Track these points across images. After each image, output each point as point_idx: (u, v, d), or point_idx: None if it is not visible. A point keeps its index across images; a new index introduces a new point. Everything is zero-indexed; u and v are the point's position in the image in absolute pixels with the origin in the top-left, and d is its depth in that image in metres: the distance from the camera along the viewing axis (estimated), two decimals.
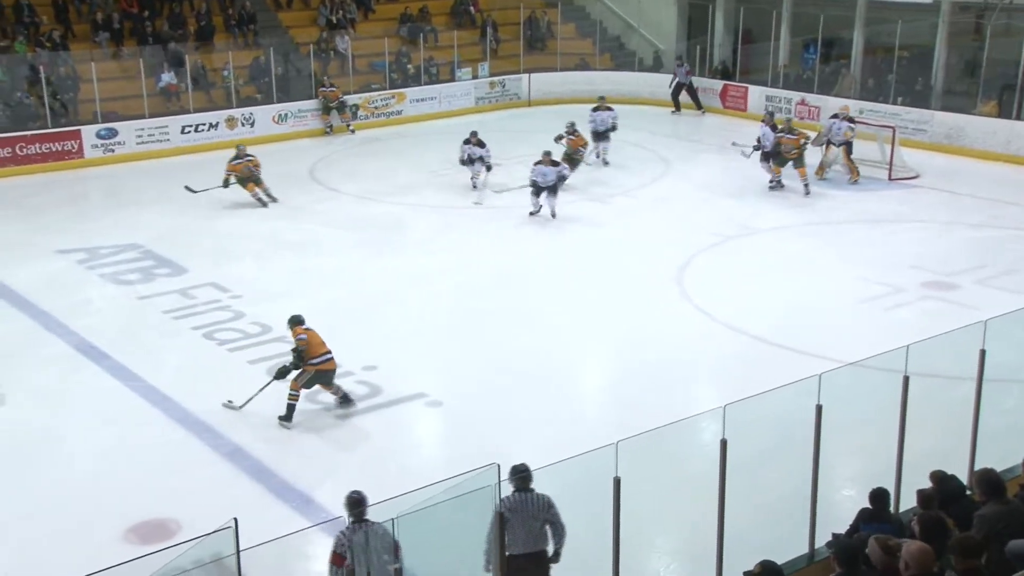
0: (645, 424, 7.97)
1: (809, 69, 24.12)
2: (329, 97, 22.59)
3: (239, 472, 9.18)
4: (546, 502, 6.72)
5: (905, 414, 7.32)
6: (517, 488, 6.68)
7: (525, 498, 6.69)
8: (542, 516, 6.70)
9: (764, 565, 5.69)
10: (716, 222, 16.27)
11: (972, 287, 13.28)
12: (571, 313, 12.81)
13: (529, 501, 6.69)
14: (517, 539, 6.61)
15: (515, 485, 6.66)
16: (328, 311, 12.91)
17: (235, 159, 17.42)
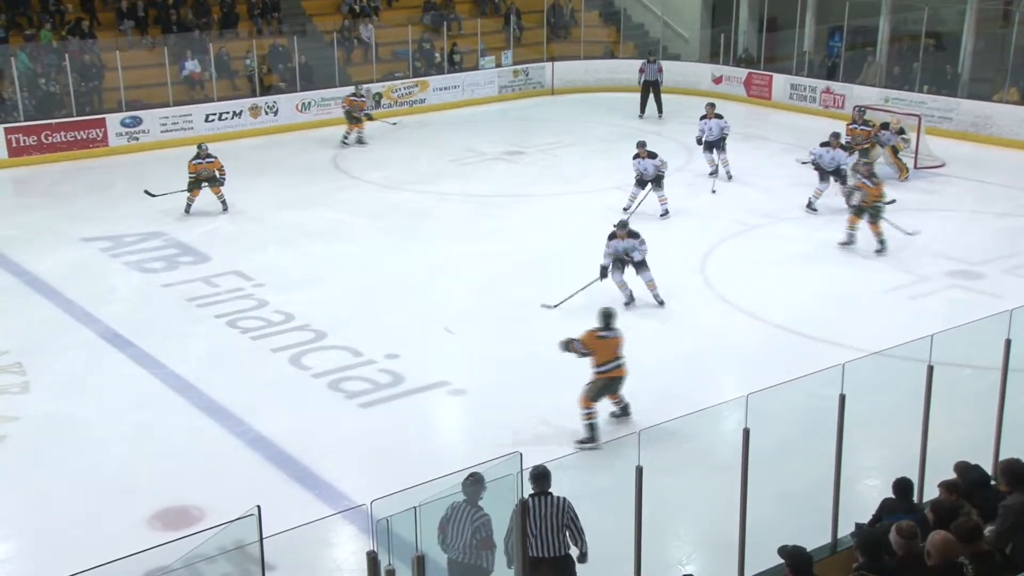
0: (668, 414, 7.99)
1: (834, 57, 23.91)
2: (356, 106, 21.05)
3: (262, 460, 9.22)
4: (565, 506, 6.60)
5: (929, 404, 7.27)
6: (535, 491, 6.60)
7: (542, 501, 6.59)
8: (559, 520, 6.58)
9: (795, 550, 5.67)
10: (740, 211, 16.18)
11: (998, 276, 13.15)
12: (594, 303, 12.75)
13: (546, 504, 6.59)
14: (534, 543, 6.55)
15: (533, 488, 6.59)
16: (351, 299, 12.98)
17: (196, 159, 16.67)
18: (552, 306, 11.60)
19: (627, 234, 12.43)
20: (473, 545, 6.38)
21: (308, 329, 11.95)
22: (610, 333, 9.45)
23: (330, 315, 12.31)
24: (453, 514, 6.39)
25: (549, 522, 6.56)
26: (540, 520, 6.55)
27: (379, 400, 10.33)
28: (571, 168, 19.19)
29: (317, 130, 22.24)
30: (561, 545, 6.60)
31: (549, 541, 6.57)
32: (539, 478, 6.60)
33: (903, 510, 6.35)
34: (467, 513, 6.37)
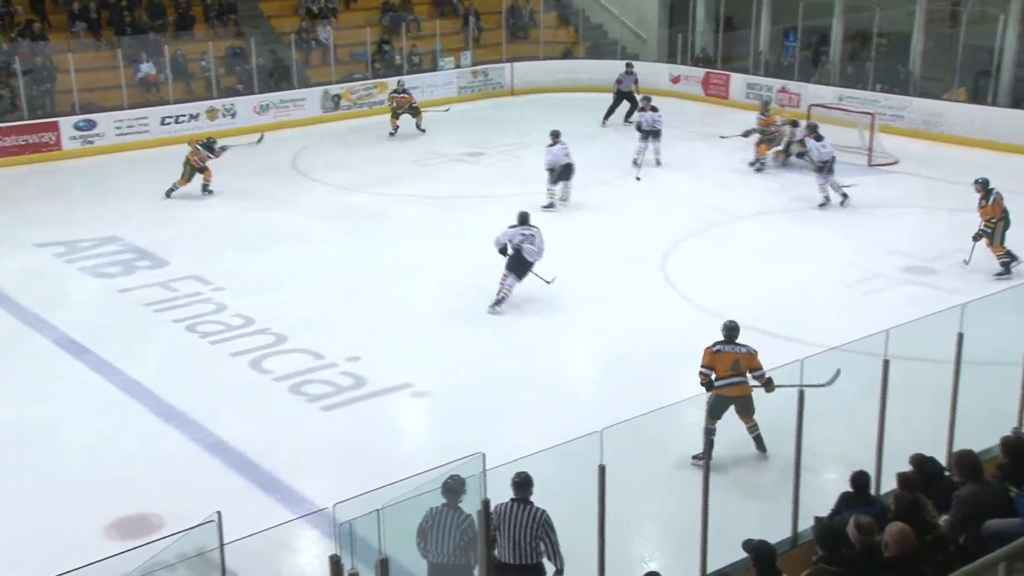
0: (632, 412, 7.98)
1: (790, 56, 24.16)
2: (401, 103, 21.74)
3: (223, 465, 9.13)
4: (541, 519, 6.56)
5: (885, 398, 7.35)
6: (515, 497, 6.59)
7: (520, 508, 6.57)
8: (533, 531, 6.53)
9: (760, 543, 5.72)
10: (700, 209, 16.30)
11: (951, 271, 13.35)
12: (556, 302, 12.79)
13: (524, 512, 6.56)
14: (505, 547, 6.54)
15: (513, 494, 6.58)
16: (311, 302, 12.89)
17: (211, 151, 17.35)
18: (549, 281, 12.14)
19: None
20: (461, 547, 6.37)
21: (269, 333, 11.86)
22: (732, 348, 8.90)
23: (291, 318, 12.22)
24: (435, 519, 6.36)
25: (524, 530, 6.53)
26: (516, 527, 6.53)
27: (341, 403, 10.27)
28: (532, 169, 19.14)
29: (276, 132, 22.07)
30: (533, 554, 6.57)
31: (521, 549, 6.54)
32: (521, 486, 6.58)
33: (861, 503, 6.43)
34: (451, 517, 6.35)
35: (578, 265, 13.89)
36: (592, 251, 14.53)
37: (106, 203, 17.21)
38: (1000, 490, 6.30)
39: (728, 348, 8.87)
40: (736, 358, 8.78)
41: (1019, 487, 6.27)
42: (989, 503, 6.13)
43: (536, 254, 12.48)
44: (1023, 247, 13.46)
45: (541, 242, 12.52)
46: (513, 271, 12.41)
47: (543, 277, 12.59)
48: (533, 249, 12.45)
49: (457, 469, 6.23)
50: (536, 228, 12.61)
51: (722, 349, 8.88)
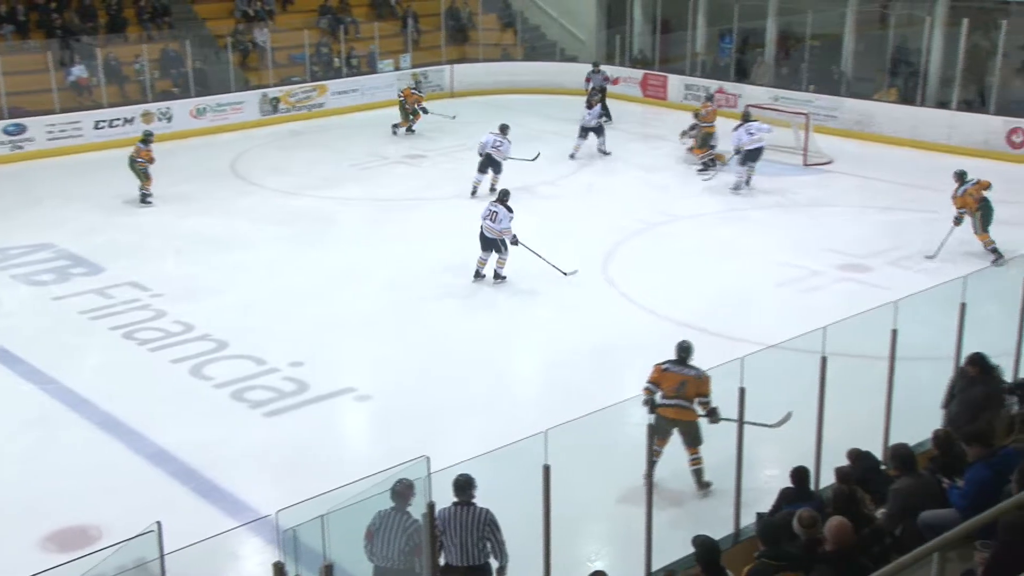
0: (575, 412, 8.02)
1: (726, 58, 24.47)
2: (415, 99, 21.71)
3: (163, 474, 8.99)
4: (486, 519, 6.54)
5: (823, 394, 7.49)
6: (457, 500, 6.58)
7: (464, 511, 6.55)
8: (479, 532, 6.52)
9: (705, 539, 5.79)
10: (640, 209, 16.42)
11: (885, 268, 13.62)
12: (500, 303, 12.82)
13: (468, 514, 6.54)
14: (452, 550, 6.53)
15: (455, 497, 6.57)
16: (252, 307, 12.75)
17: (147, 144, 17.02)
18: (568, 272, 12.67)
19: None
20: (406, 552, 6.33)
21: (209, 339, 11.70)
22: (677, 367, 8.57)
23: (232, 324, 12.07)
24: (383, 523, 6.33)
25: (468, 532, 6.51)
26: (460, 529, 6.51)
27: (284, 409, 10.17)
28: (472, 171, 19.17)
29: (214, 136, 21.79)
30: (480, 555, 6.56)
31: (467, 550, 6.53)
32: (463, 487, 6.55)
33: (801, 498, 6.53)
34: (398, 520, 6.31)
35: (521, 266, 13.92)
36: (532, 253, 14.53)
37: (38, 209, 16.82)
38: (933, 482, 6.44)
39: (676, 369, 8.53)
40: (683, 379, 8.44)
41: (951, 479, 6.42)
42: (923, 495, 6.27)
43: (491, 230, 13.12)
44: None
45: (500, 220, 13.08)
46: (484, 248, 13.31)
47: (561, 269, 13.29)
48: (491, 226, 13.12)
49: (402, 473, 6.21)
50: (501, 208, 13.18)
51: (670, 369, 8.55)
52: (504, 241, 13.22)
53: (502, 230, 13.11)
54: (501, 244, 13.24)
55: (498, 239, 13.16)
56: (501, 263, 13.36)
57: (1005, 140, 19.12)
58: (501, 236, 13.13)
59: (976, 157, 19.00)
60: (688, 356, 8.58)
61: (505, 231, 13.10)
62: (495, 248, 13.25)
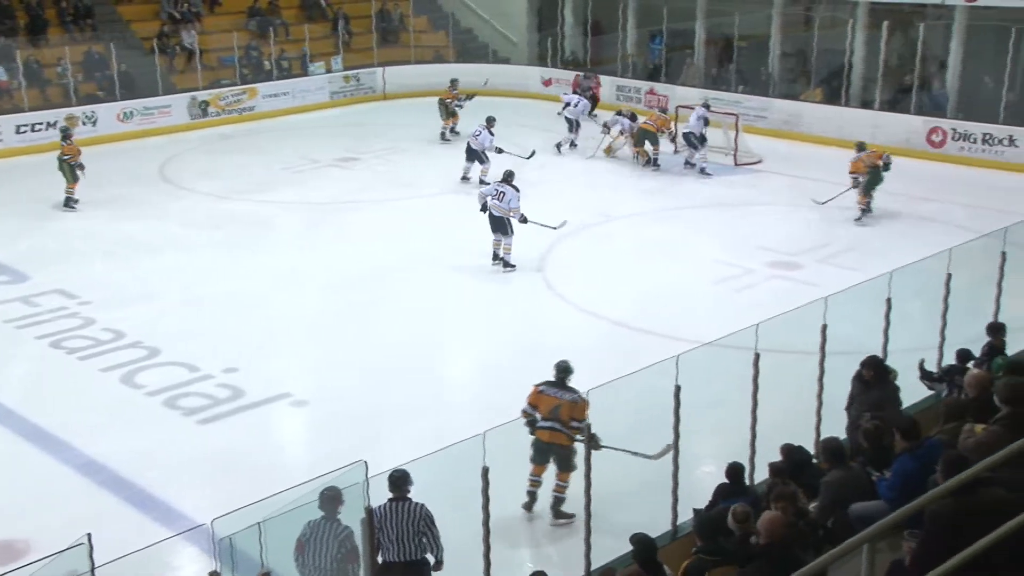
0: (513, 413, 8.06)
1: (656, 59, 24.72)
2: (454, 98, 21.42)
3: (94, 485, 8.79)
4: (422, 513, 6.51)
5: (757, 390, 7.60)
6: (392, 496, 6.53)
7: (399, 507, 6.50)
8: (415, 527, 6.49)
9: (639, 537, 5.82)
10: (574, 210, 16.45)
11: (814, 265, 13.88)
12: (437, 306, 12.77)
13: (403, 510, 6.50)
14: (389, 547, 6.49)
15: (391, 492, 6.52)
16: (185, 313, 12.54)
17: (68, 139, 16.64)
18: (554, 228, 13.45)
19: None
20: (339, 559, 6.28)
21: (140, 346, 11.48)
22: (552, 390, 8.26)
23: (164, 331, 11.87)
24: (312, 532, 6.26)
25: (405, 527, 6.48)
26: (396, 525, 6.47)
27: (219, 415, 10.02)
28: (407, 172, 19.14)
29: (142, 140, 21.39)
30: (416, 550, 6.53)
31: (404, 546, 6.49)
32: (397, 482, 6.50)
33: (736, 494, 6.61)
34: (328, 529, 6.26)
35: (457, 269, 13.92)
36: (470, 254, 14.52)
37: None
38: (863, 474, 6.57)
39: (552, 392, 8.18)
40: (557, 403, 8.11)
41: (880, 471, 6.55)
42: (853, 487, 6.39)
43: (500, 208, 13.56)
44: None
45: (509, 200, 13.56)
46: (494, 230, 13.65)
47: (549, 224, 13.79)
48: (498, 204, 13.59)
49: (339, 478, 6.15)
50: (509, 187, 13.65)
51: (546, 391, 8.21)
52: (510, 223, 13.59)
53: (511, 209, 13.57)
54: (508, 225, 13.61)
55: (506, 219, 13.57)
56: (507, 248, 13.70)
57: (925, 139, 19.63)
58: (509, 215, 13.56)
59: (898, 155, 19.45)
60: (567, 377, 8.26)
61: (514, 210, 13.57)
62: (502, 230, 13.63)
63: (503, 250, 13.73)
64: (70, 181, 16.55)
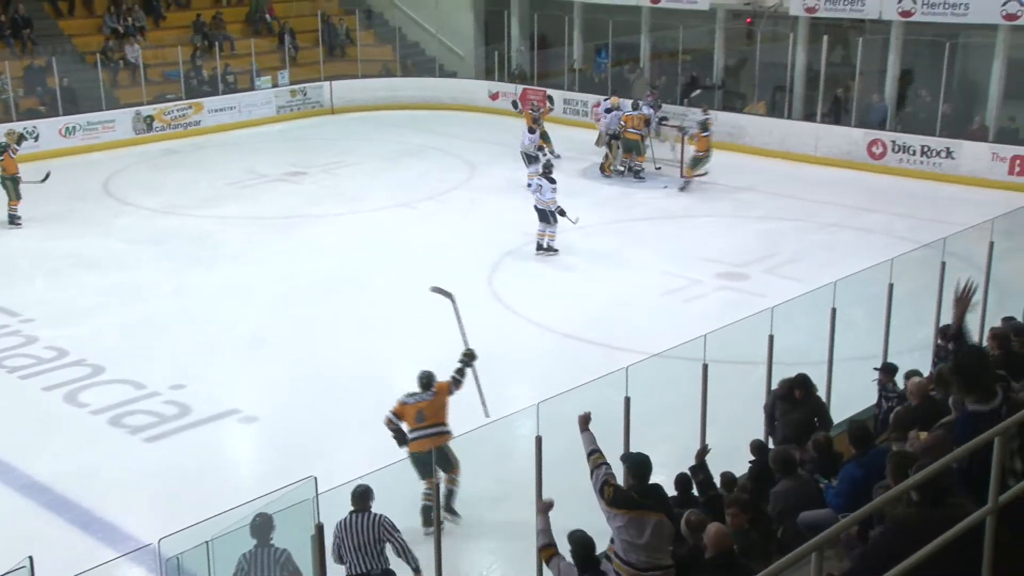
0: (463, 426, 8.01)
1: (602, 72, 24.88)
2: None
3: (36, 506, 8.59)
4: (380, 521, 6.56)
5: (706, 400, 7.65)
6: (354, 509, 6.56)
7: (359, 519, 6.53)
8: (375, 534, 6.52)
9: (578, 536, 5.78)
10: (523, 223, 16.46)
11: (760, 276, 14.03)
12: (385, 320, 12.69)
13: (363, 521, 6.54)
14: (354, 559, 6.50)
15: (353, 506, 6.57)
16: (130, 330, 12.33)
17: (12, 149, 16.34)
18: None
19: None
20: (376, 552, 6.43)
21: (84, 364, 11.25)
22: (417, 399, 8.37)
23: (108, 348, 11.66)
24: (250, 564, 6.19)
25: (366, 537, 6.50)
26: (357, 536, 6.50)
27: (166, 433, 9.86)
28: (354, 187, 19.04)
29: (85, 155, 21.02)
30: (380, 560, 6.55)
31: (367, 556, 6.51)
32: (360, 497, 6.57)
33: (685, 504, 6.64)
34: (265, 555, 6.20)
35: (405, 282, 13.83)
36: (418, 267, 14.46)
37: None
38: (812, 483, 6.63)
39: (412, 400, 8.29)
40: (419, 408, 8.21)
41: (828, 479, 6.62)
42: (803, 496, 6.44)
43: (540, 201, 14.69)
44: None
45: (545, 192, 14.65)
46: (539, 219, 14.76)
47: (569, 217, 14.58)
48: (539, 197, 14.72)
49: (289, 494, 6.07)
50: (545, 181, 14.73)
51: (407, 401, 8.30)
52: (552, 213, 14.57)
53: (546, 200, 14.56)
54: (551, 216, 14.57)
55: (547, 210, 14.56)
56: (550, 236, 14.77)
57: (866, 151, 19.98)
58: (548, 207, 14.53)
59: (840, 167, 19.84)
60: (429, 382, 8.35)
61: (550, 201, 14.55)
62: (545, 220, 14.65)
63: (547, 238, 14.74)
64: (13, 198, 16.21)
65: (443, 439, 8.12)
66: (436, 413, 8.21)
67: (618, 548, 5.45)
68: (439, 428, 8.19)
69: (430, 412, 8.17)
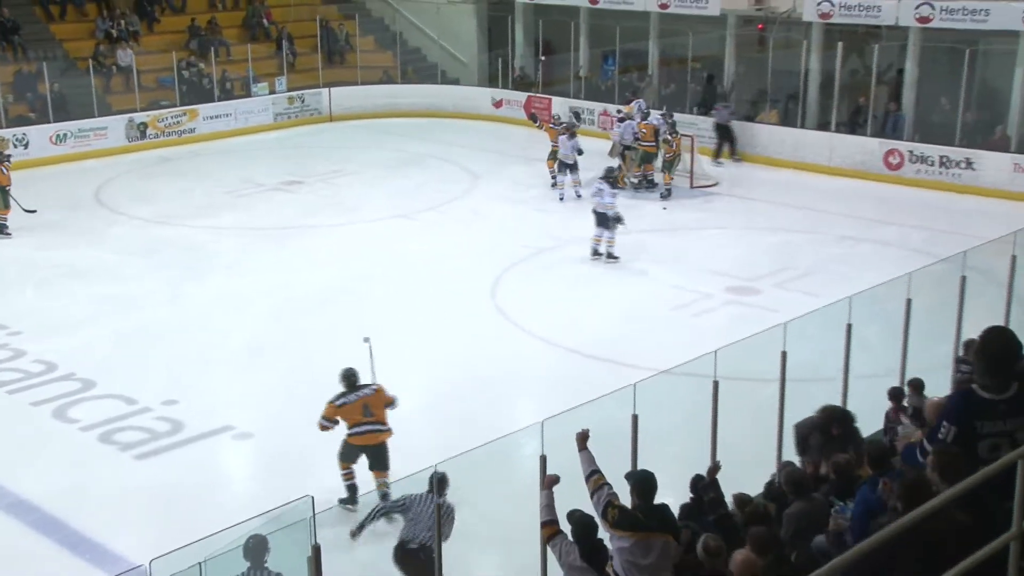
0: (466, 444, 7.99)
1: (608, 79, 24.93)
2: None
3: (24, 526, 8.59)
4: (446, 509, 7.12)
5: (717, 418, 7.64)
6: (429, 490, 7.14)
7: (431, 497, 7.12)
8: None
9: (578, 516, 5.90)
10: (527, 234, 16.53)
11: (772, 291, 14.02)
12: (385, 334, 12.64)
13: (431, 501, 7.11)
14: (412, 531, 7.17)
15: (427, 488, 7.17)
16: (121, 343, 12.36)
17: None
18: None
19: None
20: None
21: (74, 378, 11.27)
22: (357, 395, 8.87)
23: (98, 362, 11.68)
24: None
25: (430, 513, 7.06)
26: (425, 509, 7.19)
27: (158, 450, 9.87)
28: (353, 196, 19.09)
29: (76, 163, 21.10)
30: None
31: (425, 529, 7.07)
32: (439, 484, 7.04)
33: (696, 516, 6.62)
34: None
35: (406, 296, 13.86)
36: (420, 280, 14.50)
37: None
38: (826, 505, 6.60)
39: (353, 397, 8.79)
40: (364, 402, 8.74)
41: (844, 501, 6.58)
42: (817, 519, 6.40)
43: (602, 206, 14.92)
44: None
45: (606, 196, 14.97)
46: (597, 223, 15.04)
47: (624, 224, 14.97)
48: (599, 201, 15.00)
49: (285, 514, 6.08)
50: (605, 185, 15.09)
51: (347, 401, 8.77)
52: (613, 217, 14.84)
53: (606, 204, 14.89)
54: (611, 221, 14.85)
55: (607, 214, 14.85)
56: (610, 242, 15.02)
57: (882, 161, 19.97)
58: (608, 210, 14.85)
59: (854, 178, 19.85)
60: (356, 379, 8.90)
61: (609, 206, 14.85)
62: (604, 225, 14.90)
63: (605, 244, 15.01)
64: (2, 207, 16.28)
65: (385, 435, 8.79)
66: (378, 409, 8.79)
67: (618, 568, 5.45)
68: (381, 426, 8.81)
69: (375, 407, 8.78)
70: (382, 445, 8.76)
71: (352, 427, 8.77)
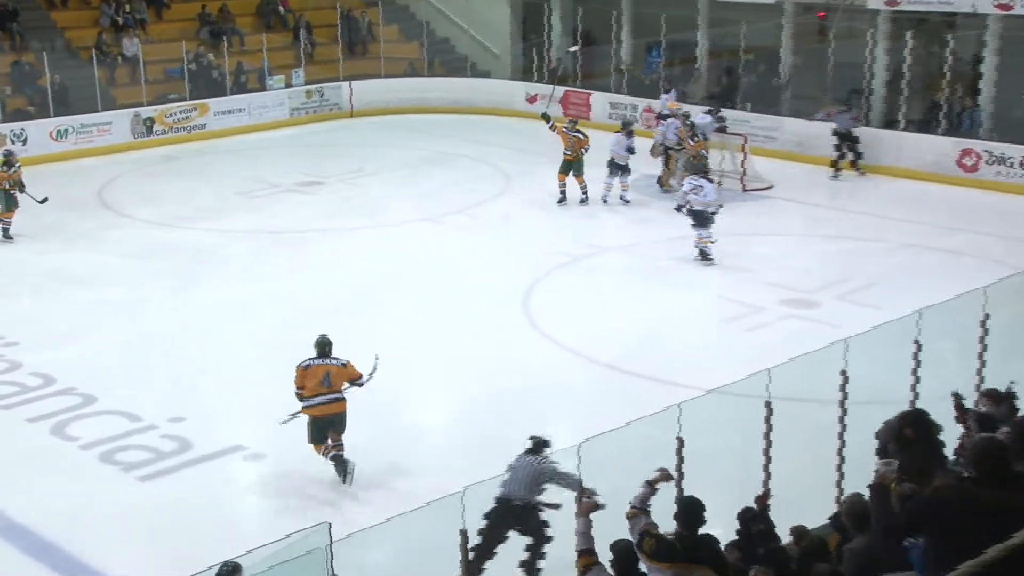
0: (494, 467, 8.03)
1: (653, 73, 24.89)
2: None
3: (17, 551, 8.70)
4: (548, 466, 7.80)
5: (770, 442, 7.59)
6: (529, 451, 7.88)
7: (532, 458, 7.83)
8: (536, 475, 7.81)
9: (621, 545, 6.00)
10: (562, 241, 16.55)
11: (832, 303, 13.93)
12: (410, 345, 12.73)
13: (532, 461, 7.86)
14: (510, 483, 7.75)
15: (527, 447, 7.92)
16: (124, 355, 12.50)
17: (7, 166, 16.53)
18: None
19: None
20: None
21: (73, 393, 11.40)
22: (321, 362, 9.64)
23: (100, 375, 11.81)
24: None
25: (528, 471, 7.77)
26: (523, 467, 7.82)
27: (163, 471, 9.95)
28: (375, 198, 19.21)
29: (78, 160, 21.38)
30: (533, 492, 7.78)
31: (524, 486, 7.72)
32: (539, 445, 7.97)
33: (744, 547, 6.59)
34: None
35: (432, 305, 13.92)
36: (447, 288, 14.55)
37: None
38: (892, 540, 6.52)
39: (318, 362, 9.59)
40: (327, 370, 9.54)
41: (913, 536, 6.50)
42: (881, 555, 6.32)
43: (703, 203, 15.05)
44: None
45: (709, 192, 15.12)
46: (695, 224, 15.17)
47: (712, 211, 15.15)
48: (699, 199, 15.07)
49: (299, 542, 6.11)
50: (705, 180, 15.27)
51: (312, 364, 9.58)
52: (712, 215, 15.10)
53: (709, 201, 15.09)
54: (708, 218, 15.10)
55: (706, 212, 15.07)
56: (707, 242, 15.22)
57: (956, 163, 19.77)
58: (709, 207, 15.08)
59: (925, 180, 19.69)
60: (329, 349, 9.73)
61: (712, 202, 15.08)
62: (703, 223, 15.09)
63: (703, 243, 15.17)
64: (4, 210, 16.49)
65: (341, 405, 9.56)
66: (338, 380, 9.55)
67: None
68: (338, 395, 9.56)
69: (336, 379, 9.52)
70: (342, 414, 9.54)
71: (308, 398, 9.48)
